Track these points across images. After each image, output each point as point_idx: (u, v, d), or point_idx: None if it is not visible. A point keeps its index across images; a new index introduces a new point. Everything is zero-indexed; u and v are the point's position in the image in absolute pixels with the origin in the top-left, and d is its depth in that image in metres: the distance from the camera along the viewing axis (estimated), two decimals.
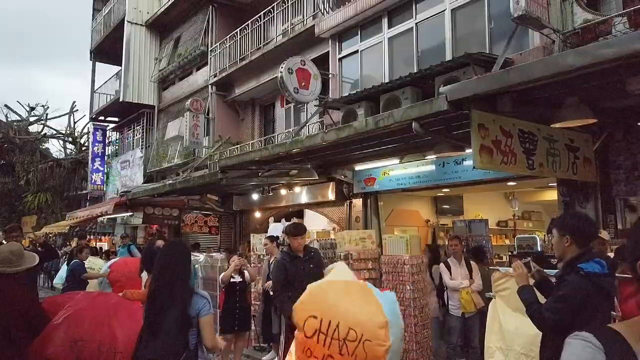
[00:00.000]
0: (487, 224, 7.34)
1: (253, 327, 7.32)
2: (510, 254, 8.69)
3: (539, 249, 7.08)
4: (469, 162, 6.85)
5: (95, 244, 17.07)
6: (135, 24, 17.28)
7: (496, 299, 4.34)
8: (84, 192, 22.23)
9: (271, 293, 6.16)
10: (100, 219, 16.64)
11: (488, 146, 4.52)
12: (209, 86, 13.68)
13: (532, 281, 3.16)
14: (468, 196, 10.44)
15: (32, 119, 28.90)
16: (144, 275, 5.59)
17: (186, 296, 2.88)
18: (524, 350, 3.90)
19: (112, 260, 7.53)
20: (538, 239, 7.39)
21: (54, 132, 28.68)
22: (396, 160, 8.04)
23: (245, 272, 6.53)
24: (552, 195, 9.07)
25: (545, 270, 3.42)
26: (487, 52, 6.61)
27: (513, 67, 4.30)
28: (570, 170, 5.31)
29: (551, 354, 2.78)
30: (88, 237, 18.68)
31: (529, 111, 4.91)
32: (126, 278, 6.39)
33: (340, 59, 9.48)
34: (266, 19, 11.60)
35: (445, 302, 5.88)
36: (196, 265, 7.84)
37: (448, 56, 7.20)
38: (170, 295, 2.84)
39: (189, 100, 13.34)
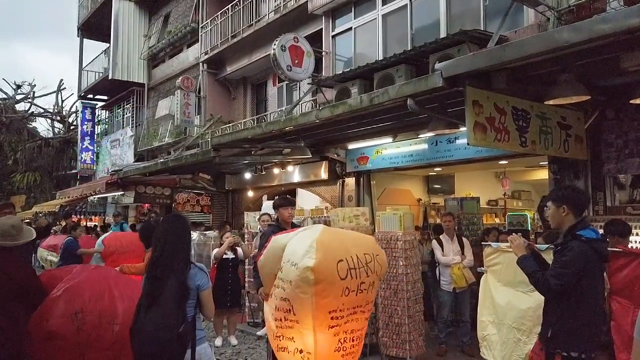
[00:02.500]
0: (479, 202, 7.42)
1: (247, 304, 7.40)
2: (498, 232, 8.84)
3: (529, 227, 7.20)
4: (461, 141, 6.88)
5: (86, 224, 17.03)
6: None
7: (488, 273, 4.42)
8: (73, 171, 22.04)
9: None
10: (91, 198, 16.57)
11: (482, 123, 4.54)
12: (200, 64, 13.50)
13: None
14: (459, 175, 10.52)
15: (18, 97, 28.41)
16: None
17: (185, 268, 2.91)
18: (515, 324, 3.99)
19: (104, 235, 7.54)
20: (528, 216, 7.50)
21: (42, 110, 28.29)
22: (389, 139, 8.04)
23: (239, 249, 6.58)
24: (541, 174, 9.19)
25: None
26: (482, 29, 6.59)
27: (508, 43, 4.29)
28: (562, 148, 5.36)
29: (555, 318, 2.90)
30: (77, 217, 18.65)
31: (523, 89, 4.93)
32: (118, 252, 6.41)
33: (333, 37, 9.39)
34: None
35: (437, 277, 5.98)
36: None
37: (442, 34, 7.17)
38: (169, 267, 2.87)
39: (180, 79, 13.17)
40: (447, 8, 7.38)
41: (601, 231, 4.48)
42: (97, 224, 17.78)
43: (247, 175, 11.18)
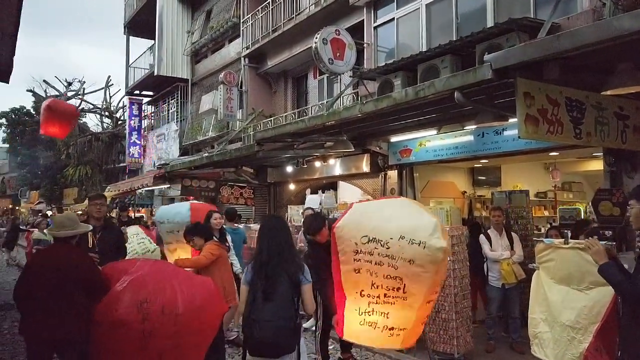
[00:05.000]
0: (528, 195, 7.19)
1: None
2: (549, 225, 8.55)
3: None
4: (509, 132, 6.69)
5: (134, 215, 17.67)
6: None
7: (540, 270, 4.29)
8: (122, 164, 22.88)
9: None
10: (139, 190, 17.16)
11: (534, 115, 4.39)
12: (242, 58, 13.68)
13: None
14: (506, 167, 10.23)
15: (69, 94, 29.66)
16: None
17: (293, 264, 3.22)
18: (569, 322, 3.87)
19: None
20: (581, 210, 7.22)
21: (91, 106, 29.42)
22: (433, 131, 7.91)
23: None
24: (594, 165, 8.80)
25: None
26: (532, 16, 6.35)
27: (563, 32, 4.12)
28: (619, 139, 5.11)
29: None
30: (130, 208, 19.39)
31: (577, 78, 4.73)
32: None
33: (375, 28, 9.28)
34: None
35: (485, 273, 5.87)
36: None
37: (489, 22, 6.96)
38: (280, 264, 3.17)
39: (223, 73, 13.40)
40: None
41: None
42: (144, 215, 18.44)
43: (289, 169, 11.28)
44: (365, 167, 9.43)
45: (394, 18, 8.85)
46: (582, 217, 6.96)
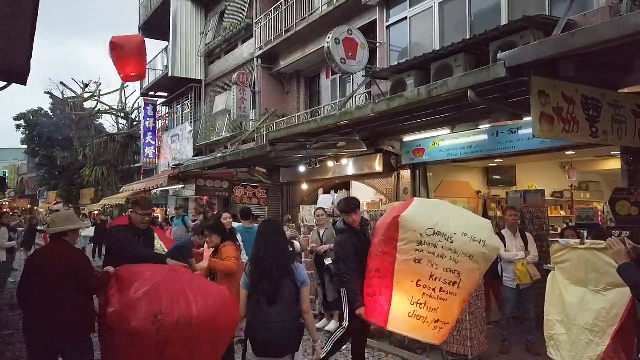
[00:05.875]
0: (544, 195, 7.09)
1: None
2: (565, 226, 8.42)
3: (599, 221, 6.81)
4: (524, 131, 6.60)
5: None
6: None
7: (555, 271, 4.23)
8: (137, 165, 23.13)
9: (326, 262, 6.28)
10: (154, 191, 17.35)
11: (549, 114, 4.33)
12: (255, 59, 13.73)
13: None
14: (521, 166, 10.10)
15: (86, 96, 30.09)
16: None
17: (292, 267, 3.36)
18: (587, 325, 3.79)
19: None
20: (599, 210, 7.09)
21: (107, 107, 29.81)
22: (447, 131, 7.85)
23: (296, 242, 6.67)
24: (612, 164, 8.64)
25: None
26: (547, 14, 6.25)
27: (578, 29, 4.06)
28: (637, 138, 5.02)
29: None
30: None
31: (593, 76, 4.65)
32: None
33: (388, 27, 9.24)
34: None
35: (500, 273, 5.80)
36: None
37: (504, 20, 6.88)
38: (280, 268, 3.29)
39: (236, 74, 13.47)
40: None
41: None
42: (158, 215, 18.62)
43: (302, 168, 11.29)
44: (378, 167, 9.40)
45: (406, 17, 8.80)
46: (599, 218, 6.83)
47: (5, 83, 5.35)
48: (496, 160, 8.98)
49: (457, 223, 3.60)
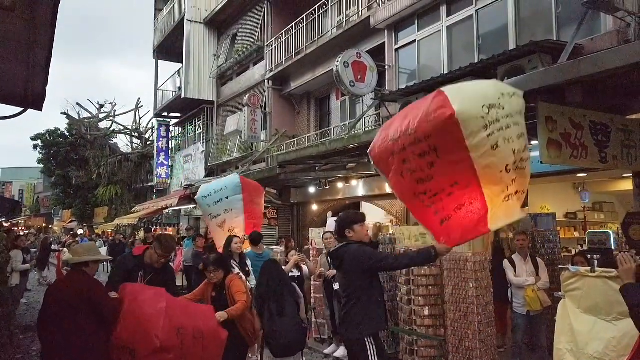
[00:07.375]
0: (555, 218, 7.01)
1: (313, 319, 7.46)
2: (579, 248, 8.29)
3: (612, 246, 6.70)
4: (534, 154, 6.52)
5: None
6: (195, 22, 17.84)
7: (566, 299, 4.16)
8: (150, 184, 23.37)
9: (334, 287, 6.24)
10: (166, 210, 17.49)
11: (556, 140, 4.33)
12: (266, 81, 13.92)
13: None
14: (533, 187, 9.97)
15: (101, 116, 30.64)
16: None
17: (292, 290, 4.55)
18: (598, 355, 3.71)
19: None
20: (612, 233, 6.98)
21: (122, 127, 30.31)
22: None
23: (304, 266, 6.66)
24: (626, 185, 8.52)
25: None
26: (554, 38, 6.27)
27: (583, 57, 4.08)
28: None
29: None
30: (154, 227, 19.76)
31: (601, 101, 4.65)
32: None
33: (396, 50, 9.33)
34: (321, 11, 11.61)
35: (510, 299, 5.72)
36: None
37: (511, 44, 6.92)
38: (283, 290, 4.42)
39: (247, 96, 13.65)
40: (516, 16, 7.10)
41: None
42: (171, 234, 18.72)
43: (312, 189, 11.32)
44: (387, 188, 9.35)
45: (415, 40, 8.88)
46: (612, 241, 6.72)
47: (22, 109, 5.48)
48: None
49: (487, 89, 3.12)
